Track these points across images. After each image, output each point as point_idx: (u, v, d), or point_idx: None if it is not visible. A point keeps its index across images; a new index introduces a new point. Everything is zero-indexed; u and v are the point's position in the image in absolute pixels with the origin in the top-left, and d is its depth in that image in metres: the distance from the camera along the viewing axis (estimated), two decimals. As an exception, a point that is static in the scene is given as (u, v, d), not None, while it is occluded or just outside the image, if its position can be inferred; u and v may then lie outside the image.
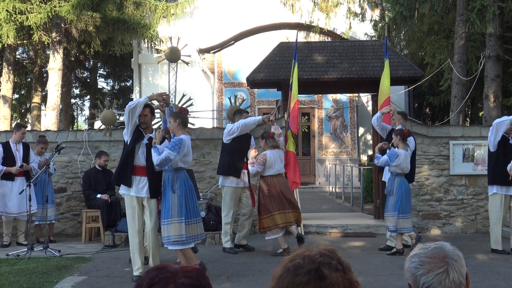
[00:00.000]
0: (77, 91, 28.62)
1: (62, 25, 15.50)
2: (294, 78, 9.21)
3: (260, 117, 8.02)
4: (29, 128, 21.98)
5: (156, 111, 6.95)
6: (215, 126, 13.63)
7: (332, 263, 1.51)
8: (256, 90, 18.09)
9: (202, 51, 18.80)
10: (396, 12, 13.03)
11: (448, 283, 1.73)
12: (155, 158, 6.18)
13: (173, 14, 17.43)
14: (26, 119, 25.12)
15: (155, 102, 6.90)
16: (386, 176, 8.34)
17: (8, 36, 14.11)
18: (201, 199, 9.41)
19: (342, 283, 1.49)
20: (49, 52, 16.94)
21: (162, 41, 15.75)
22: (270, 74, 10.32)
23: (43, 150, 9.39)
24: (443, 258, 1.77)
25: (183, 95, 10.30)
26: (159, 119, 9.90)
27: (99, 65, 27.11)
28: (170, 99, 10.17)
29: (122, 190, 6.57)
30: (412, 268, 1.79)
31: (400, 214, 7.73)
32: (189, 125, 10.03)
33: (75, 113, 29.72)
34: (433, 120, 25.59)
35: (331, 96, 19.02)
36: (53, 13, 14.31)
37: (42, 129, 15.82)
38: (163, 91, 11.47)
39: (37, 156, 9.36)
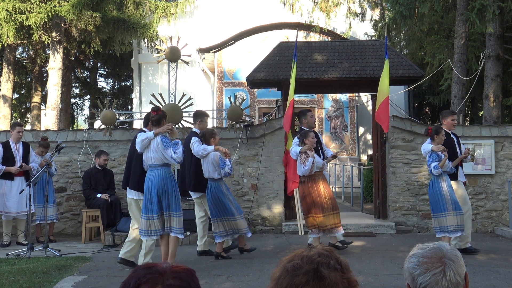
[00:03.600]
0: (77, 91, 28.61)
1: (62, 25, 15.49)
2: (291, 77, 9.21)
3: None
4: (28, 127, 22.00)
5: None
6: (215, 125, 13.62)
7: (330, 262, 1.51)
8: (256, 89, 18.09)
9: (202, 51, 18.79)
10: (396, 11, 13.02)
11: (445, 283, 1.73)
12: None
13: (173, 14, 17.41)
14: (26, 119, 25.13)
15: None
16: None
17: (8, 36, 14.10)
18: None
19: (341, 282, 1.49)
20: (49, 52, 16.94)
21: (162, 41, 15.74)
22: (270, 74, 10.32)
23: (43, 154, 9.41)
24: (440, 258, 1.77)
25: (183, 95, 10.28)
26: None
27: (99, 64, 27.09)
28: (170, 99, 10.17)
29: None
30: (410, 268, 1.80)
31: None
32: (188, 125, 10.07)
33: (75, 113, 29.71)
34: (433, 120, 25.58)
35: (331, 96, 19.01)
36: (53, 13, 14.31)
37: (42, 129, 15.82)
38: (163, 91, 11.47)
39: (38, 156, 9.38)
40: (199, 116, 8.03)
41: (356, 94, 18.53)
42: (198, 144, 7.51)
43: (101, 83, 29.94)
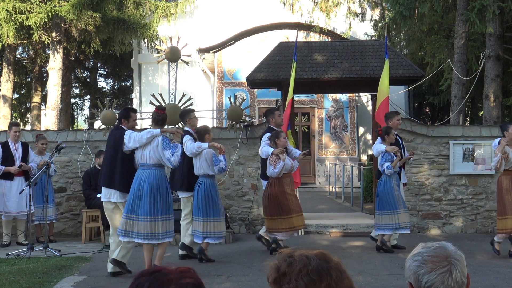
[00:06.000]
0: (77, 91, 28.61)
1: (62, 25, 15.49)
2: (291, 77, 9.21)
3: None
4: (28, 127, 22.00)
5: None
6: (215, 126, 13.62)
7: (339, 262, 1.57)
8: (256, 89, 18.09)
9: (202, 51, 18.79)
10: (396, 11, 13.02)
11: (451, 282, 1.73)
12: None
13: (173, 14, 17.42)
14: (26, 119, 25.12)
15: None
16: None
17: (8, 36, 14.10)
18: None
19: (348, 279, 1.54)
20: (49, 52, 16.94)
21: (162, 41, 15.74)
22: (270, 74, 10.32)
23: (44, 146, 9.37)
24: (446, 257, 1.77)
25: (183, 95, 10.29)
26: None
27: (99, 64, 27.10)
28: (170, 99, 10.18)
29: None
30: (414, 267, 1.79)
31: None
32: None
33: (75, 113, 29.71)
34: (433, 120, 25.60)
35: (331, 96, 19.01)
36: (53, 13, 14.31)
37: (42, 129, 15.82)
38: (163, 91, 11.47)
39: (39, 155, 9.36)
40: (186, 114, 7.85)
41: (356, 94, 18.53)
42: (191, 142, 7.32)
43: (101, 83, 29.97)
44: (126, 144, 6.44)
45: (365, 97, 18.15)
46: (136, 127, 7.14)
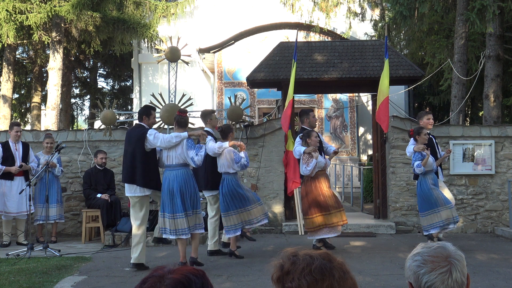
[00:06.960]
0: (77, 91, 28.59)
1: (62, 25, 15.49)
2: (291, 77, 9.21)
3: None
4: (28, 127, 21.99)
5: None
6: (215, 126, 13.59)
7: (343, 263, 1.60)
8: (256, 89, 18.08)
9: (202, 51, 18.78)
10: (396, 11, 13.02)
11: (450, 282, 1.73)
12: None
13: (173, 14, 17.40)
14: (26, 119, 25.12)
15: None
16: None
17: (8, 36, 14.09)
18: (200, 199, 9.39)
19: (351, 279, 1.55)
20: (49, 52, 16.94)
21: (162, 41, 15.73)
22: (270, 74, 10.32)
23: (48, 145, 9.38)
24: (446, 257, 1.77)
25: (183, 95, 10.29)
26: (159, 119, 9.90)
27: (99, 64, 27.08)
28: (170, 99, 10.18)
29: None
30: (414, 267, 1.79)
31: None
32: (189, 125, 10.06)
33: (75, 113, 29.70)
34: (433, 120, 25.59)
35: (331, 96, 19.00)
36: (53, 13, 14.30)
37: (42, 129, 15.82)
38: (163, 91, 11.47)
39: (46, 154, 9.37)
40: (207, 115, 8.10)
41: (356, 94, 18.52)
42: (212, 143, 7.55)
43: (101, 83, 29.96)
44: (149, 142, 6.80)
45: (365, 97, 18.15)
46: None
